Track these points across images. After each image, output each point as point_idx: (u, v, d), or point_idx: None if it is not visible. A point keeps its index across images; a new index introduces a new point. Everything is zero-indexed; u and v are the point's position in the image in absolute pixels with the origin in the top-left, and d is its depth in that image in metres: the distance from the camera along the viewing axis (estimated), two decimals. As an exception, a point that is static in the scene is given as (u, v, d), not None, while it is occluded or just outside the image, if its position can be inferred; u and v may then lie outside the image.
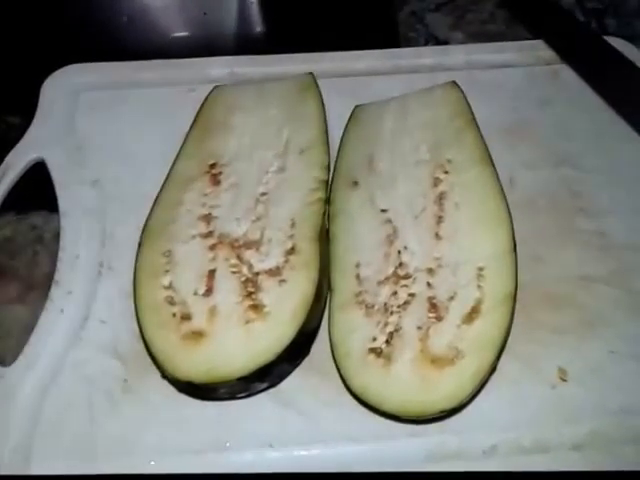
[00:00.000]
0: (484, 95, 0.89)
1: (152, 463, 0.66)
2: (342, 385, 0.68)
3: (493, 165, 0.76)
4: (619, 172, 0.84)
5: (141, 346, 0.69)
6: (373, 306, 0.68)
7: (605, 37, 0.92)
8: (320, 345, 0.71)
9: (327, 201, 0.76)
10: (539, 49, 0.96)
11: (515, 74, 0.94)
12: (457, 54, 0.95)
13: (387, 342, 0.66)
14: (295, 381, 0.70)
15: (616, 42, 0.91)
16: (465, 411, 0.68)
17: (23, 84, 0.96)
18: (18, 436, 0.68)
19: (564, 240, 0.79)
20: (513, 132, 0.87)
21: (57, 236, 0.80)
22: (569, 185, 0.83)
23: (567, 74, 0.93)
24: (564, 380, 0.70)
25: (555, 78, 0.93)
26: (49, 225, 0.84)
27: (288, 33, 1.06)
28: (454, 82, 0.85)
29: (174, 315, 0.67)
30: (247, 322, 0.65)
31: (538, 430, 0.68)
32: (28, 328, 0.74)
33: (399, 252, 0.71)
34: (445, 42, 1.03)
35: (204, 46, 1.02)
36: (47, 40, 1.04)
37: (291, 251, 0.70)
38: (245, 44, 1.04)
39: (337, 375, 0.68)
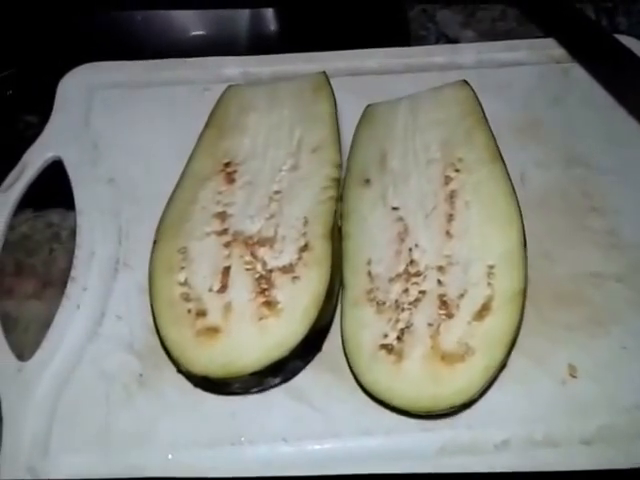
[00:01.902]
0: (495, 93, 0.89)
1: (169, 457, 0.68)
2: (354, 381, 0.69)
3: (504, 163, 0.77)
4: (630, 170, 0.84)
5: (157, 341, 0.71)
6: (384, 303, 0.69)
7: (616, 35, 0.92)
8: (332, 341, 0.72)
9: (339, 199, 0.76)
10: (550, 47, 0.95)
11: (526, 72, 0.93)
12: (468, 52, 0.95)
13: (398, 339, 0.67)
14: (308, 377, 0.71)
15: (627, 40, 0.91)
16: (477, 406, 0.68)
17: (40, 83, 0.96)
18: (36, 429, 0.69)
19: (575, 238, 0.79)
20: (524, 130, 0.87)
21: (73, 233, 0.81)
22: (580, 183, 0.83)
23: (578, 72, 0.93)
24: (574, 377, 0.71)
25: (566, 76, 0.93)
26: (66, 223, 0.85)
27: (300, 32, 1.06)
28: (464, 81, 0.85)
29: (189, 311, 0.68)
30: (261, 318, 0.66)
31: (549, 425, 0.68)
32: (45, 324, 0.75)
33: (410, 250, 0.72)
34: (456, 40, 1.03)
35: (217, 45, 1.02)
36: (63, 39, 1.04)
37: (304, 248, 0.70)
38: (258, 43, 1.04)
39: (349, 371, 0.69)
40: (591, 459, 0.66)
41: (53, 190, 0.86)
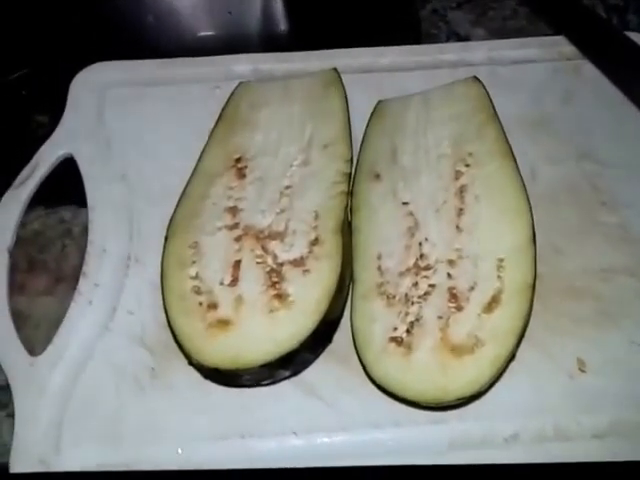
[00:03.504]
0: (506, 90, 0.89)
1: (179, 451, 0.68)
2: (364, 374, 0.69)
3: (514, 158, 0.77)
4: (640, 166, 0.85)
5: (168, 336, 0.71)
6: (394, 296, 0.69)
7: (627, 33, 0.92)
8: (342, 335, 0.72)
9: (350, 194, 0.77)
10: (560, 45, 0.95)
11: (537, 70, 0.93)
12: (479, 50, 0.95)
13: (408, 331, 0.67)
14: (318, 370, 0.71)
15: (638, 38, 0.91)
16: (487, 400, 0.68)
17: (52, 83, 0.97)
18: (48, 423, 0.70)
19: (585, 233, 0.79)
20: (535, 127, 0.87)
21: (85, 230, 0.81)
22: (590, 179, 0.83)
23: (588, 69, 0.93)
24: (583, 371, 0.71)
25: (576, 73, 0.93)
26: (78, 219, 0.85)
27: (312, 31, 1.06)
28: (475, 77, 0.85)
29: (201, 304, 0.68)
30: (271, 311, 0.67)
31: (558, 419, 0.68)
32: (57, 319, 0.75)
33: (420, 244, 0.72)
34: (467, 38, 1.02)
35: (229, 45, 1.02)
36: (75, 40, 1.05)
37: (315, 242, 0.71)
38: (269, 42, 1.04)
39: (359, 364, 0.69)
40: (602, 452, 0.66)
41: (65, 187, 0.86)
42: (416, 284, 0.70)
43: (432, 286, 0.70)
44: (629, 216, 0.80)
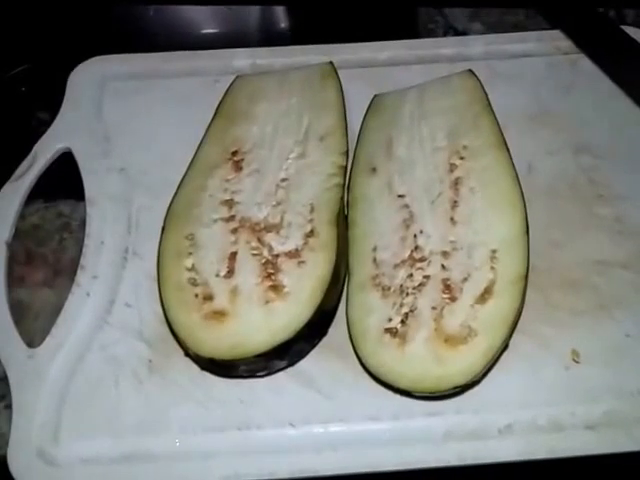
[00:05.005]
0: (503, 84, 0.89)
1: (177, 443, 0.68)
2: (360, 366, 0.69)
3: (508, 150, 0.77)
4: (637, 159, 0.84)
5: (165, 328, 0.71)
6: (389, 288, 0.70)
7: (623, 27, 0.92)
8: (338, 327, 0.72)
9: (345, 187, 0.77)
10: (558, 39, 0.95)
11: (534, 64, 0.94)
12: (476, 44, 0.95)
13: (402, 322, 0.68)
14: (314, 363, 0.72)
15: (634, 32, 0.91)
16: (481, 391, 0.69)
17: (52, 79, 0.97)
18: (46, 415, 0.70)
19: (582, 225, 0.79)
20: (532, 120, 0.88)
21: (83, 224, 0.81)
22: (587, 172, 0.83)
23: (585, 64, 0.93)
24: (577, 362, 0.71)
25: (573, 68, 0.93)
26: (76, 213, 0.86)
27: (311, 29, 1.07)
28: (470, 70, 0.85)
29: (197, 295, 0.69)
30: (267, 302, 0.67)
31: (552, 410, 0.68)
32: (56, 311, 0.76)
33: (415, 236, 0.73)
34: (464, 33, 1.03)
35: (228, 43, 1.02)
36: (75, 36, 1.05)
37: (310, 234, 0.71)
38: (269, 40, 1.04)
39: (354, 355, 0.69)
40: (595, 443, 0.67)
41: (63, 181, 0.87)
42: (411, 276, 0.70)
43: (426, 277, 0.70)
44: (625, 209, 0.80)
